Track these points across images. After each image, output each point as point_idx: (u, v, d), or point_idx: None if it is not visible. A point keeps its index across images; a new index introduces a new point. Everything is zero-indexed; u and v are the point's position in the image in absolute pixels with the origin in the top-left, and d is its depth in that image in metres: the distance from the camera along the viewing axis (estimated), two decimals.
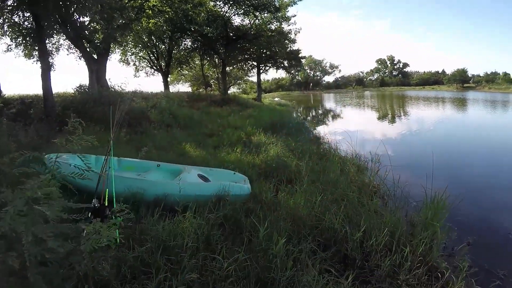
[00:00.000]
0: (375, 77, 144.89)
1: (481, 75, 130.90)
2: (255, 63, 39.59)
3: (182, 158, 8.52)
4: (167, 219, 4.40)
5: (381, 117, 29.63)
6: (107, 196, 4.13)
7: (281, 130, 14.44)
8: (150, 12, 21.96)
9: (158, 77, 34.10)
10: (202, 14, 25.49)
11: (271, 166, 7.73)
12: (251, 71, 43.07)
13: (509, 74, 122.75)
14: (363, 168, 9.37)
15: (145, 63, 34.84)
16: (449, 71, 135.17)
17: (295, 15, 31.78)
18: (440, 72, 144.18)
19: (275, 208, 5.34)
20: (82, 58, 17.99)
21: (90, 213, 3.69)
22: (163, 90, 30.70)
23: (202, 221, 4.44)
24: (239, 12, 28.11)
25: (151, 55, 33.15)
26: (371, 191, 7.02)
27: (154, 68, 34.25)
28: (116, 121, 5.00)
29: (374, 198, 6.55)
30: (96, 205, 3.87)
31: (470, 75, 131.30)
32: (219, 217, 4.75)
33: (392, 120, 26.80)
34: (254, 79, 49.44)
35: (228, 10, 27.65)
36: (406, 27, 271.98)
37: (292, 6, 29.54)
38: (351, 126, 20.39)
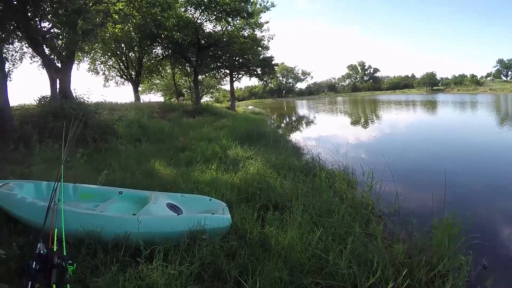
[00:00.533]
0: (347, 83, 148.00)
1: (450, 77, 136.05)
2: (227, 71, 38.47)
3: (150, 180, 7.30)
4: (130, 269, 3.47)
5: (355, 122, 29.69)
6: (55, 237, 3.18)
7: (258, 140, 13.62)
8: (117, 16, 20.23)
9: (129, 87, 32.92)
10: (172, 19, 24.23)
11: (252, 186, 6.67)
12: (224, 79, 42.05)
13: (476, 76, 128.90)
14: (353, 182, 8.60)
15: (115, 72, 33.45)
16: (418, 75, 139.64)
17: (267, 22, 31.34)
18: (410, 76, 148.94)
19: (265, 247, 4.38)
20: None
21: (34, 263, 2.70)
22: (133, 101, 29.35)
23: (174, 270, 3.47)
24: (211, 18, 27.05)
25: (121, 63, 31.79)
26: (369, 212, 6.32)
27: (124, 77, 32.90)
28: (69, 138, 4.26)
29: (372, 220, 5.85)
30: (42, 251, 2.89)
31: (439, 78, 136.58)
32: (195, 266, 3.69)
33: (365, 125, 27.13)
34: (227, 87, 48.62)
35: (200, 16, 26.35)
36: (376, 32, 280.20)
37: (264, 12, 28.86)
38: (328, 133, 21.01)
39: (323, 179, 7.46)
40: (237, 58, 34.29)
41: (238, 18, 27.02)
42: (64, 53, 15.19)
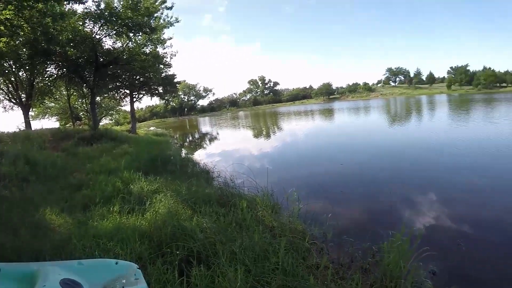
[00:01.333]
0: (248, 97, 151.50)
1: (344, 86, 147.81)
2: (128, 91, 35.57)
3: (38, 240, 5.40)
4: None
5: (258, 135, 30.77)
6: None
7: (163, 167, 12.47)
8: (3, 27, 17.02)
9: (19, 112, 28.65)
10: (66, 32, 21.04)
11: (166, 234, 5.39)
12: (124, 99, 38.93)
13: (368, 84, 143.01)
14: (276, 206, 8.01)
15: (2, 95, 28.85)
16: (316, 86, 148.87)
17: (171, 38, 29.97)
18: (308, 87, 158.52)
19: None
20: None
21: None
22: (23, 128, 25.49)
23: None
24: (111, 33, 24.19)
25: (9, 84, 27.20)
26: (307, 242, 5.72)
27: (13, 101, 28.27)
28: None
29: (312, 253, 5.49)
30: None
31: (334, 88, 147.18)
32: None
33: (270, 137, 28.37)
34: (128, 108, 45.70)
35: (99, 31, 23.26)
36: (275, 48, 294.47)
37: (168, 28, 27.39)
38: (236, 150, 20.88)
39: (245, 210, 6.64)
40: (137, 77, 32.06)
41: (141, 34, 25.08)
42: None
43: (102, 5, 21.50)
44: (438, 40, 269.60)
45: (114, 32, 23.99)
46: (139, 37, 26.63)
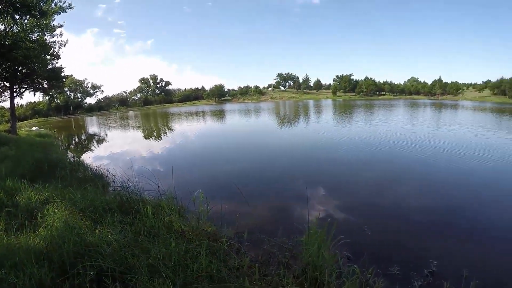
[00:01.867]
0: (139, 96, 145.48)
1: (236, 89, 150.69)
2: (7, 84, 29.47)
3: None
4: None
5: (151, 136, 30.07)
6: None
7: (52, 173, 11.18)
8: None
9: None
10: None
11: (68, 252, 4.58)
12: (2, 94, 32.38)
13: (259, 87, 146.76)
14: (182, 210, 7.73)
15: None
16: (208, 87, 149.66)
17: (61, 25, 26.88)
18: (200, 88, 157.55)
19: None
20: None
21: None
22: None
23: None
24: None
25: None
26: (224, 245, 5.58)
27: None
28: None
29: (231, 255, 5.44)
30: None
31: (226, 90, 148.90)
32: None
33: (161, 138, 28.27)
34: (6, 104, 39.88)
35: None
36: (169, 47, 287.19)
37: (59, 13, 24.54)
38: (129, 152, 20.20)
39: (151, 216, 6.21)
40: (20, 68, 27.32)
41: (28, 17, 21.69)
42: None
43: None
44: (326, 51, 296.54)
45: None
46: (26, 21, 23.34)
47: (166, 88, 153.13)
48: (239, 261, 5.14)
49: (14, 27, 23.22)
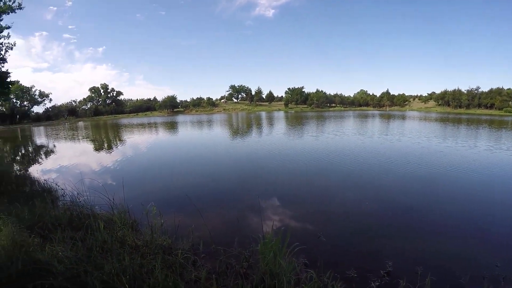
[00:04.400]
0: (89, 106, 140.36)
1: (189, 100, 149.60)
2: None
3: None
4: None
5: (102, 148, 28.83)
6: None
7: None
8: None
9: None
10: None
11: (18, 272, 4.39)
12: None
13: (212, 99, 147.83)
14: (135, 224, 7.69)
15: None
16: (160, 98, 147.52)
17: (9, 27, 25.05)
18: (152, 99, 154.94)
19: None
20: None
21: None
22: None
23: None
24: None
25: None
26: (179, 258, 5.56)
27: None
28: None
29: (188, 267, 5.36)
30: None
31: (179, 101, 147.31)
32: None
33: (112, 150, 27.35)
34: None
35: None
36: (119, 56, 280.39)
37: (7, 14, 23.06)
38: (80, 165, 19.19)
39: (103, 231, 6.08)
40: None
41: None
42: None
43: None
44: (279, 64, 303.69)
45: None
46: None
47: (118, 98, 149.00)
48: (196, 273, 5.15)
49: None
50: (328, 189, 12.22)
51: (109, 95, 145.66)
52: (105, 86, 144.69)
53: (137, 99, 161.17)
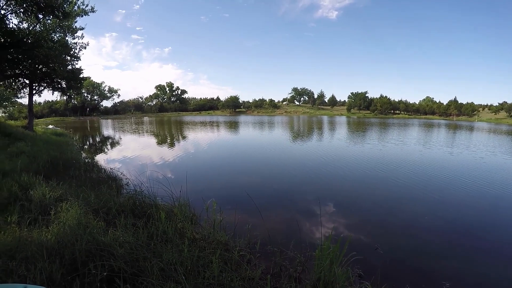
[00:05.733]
0: (154, 103, 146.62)
1: (251, 101, 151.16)
2: (27, 81, 30.07)
3: None
4: None
5: (165, 143, 29.86)
6: None
7: (66, 171, 11.32)
8: None
9: None
10: None
11: (80, 250, 4.52)
12: (22, 90, 32.83)
13: (274, 100, 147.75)
14: (194, 218, 7.74)
15: None
16: (223, 98, 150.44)
17: (83, 28, 27.44)
18: (215, 98, 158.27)
19: None
20: None
21: None
22: None
23: None
24: (18, 11, 20.36)
25: None
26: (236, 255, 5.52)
27: None
28: None
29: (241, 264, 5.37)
30: None
31: (241, 101, 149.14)
32: None
33: (176, 145, 27.98)
34: (24, 101, 40.28)
35: (4, 6, 19.15)
36: (184, 56, 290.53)
37: (82, 16, 25.07)
38: (144, 157, 19.92)
39: (164, 221, 6.16)
40: (40, 66, 27.55)
41: (51, 17, 21.79)
42: None
43: None
44: (342, 67, 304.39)
45: (22, 10, 20.29)
46: (49, 21, 23.68)
47: (182, 96, 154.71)
48: (250, 272, 5.05)
49: (37, 26, 23.41)
50: (390, 200, 11.57)
51: (174, 93, 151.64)
52: (170, 85, 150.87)
53: (200, 98, 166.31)
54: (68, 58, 29.11)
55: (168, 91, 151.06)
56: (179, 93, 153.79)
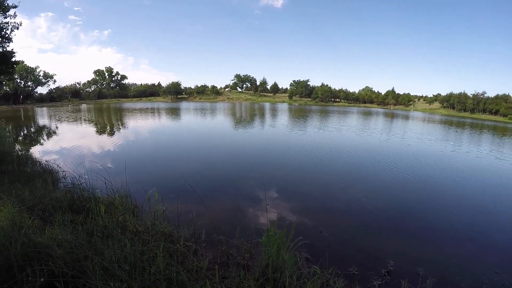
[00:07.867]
0: (93, 89, 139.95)
1: (193, 87, 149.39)
2: None
3: None
4: None
5: (101, 132, 28.70)
6: None
7: None
8: None
9: None
10: None
11: (15, 253, 4.19)
12: None
13: (217, 87, 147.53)
14: (136, 210, 7.55)
15: None
16: (164, 84, 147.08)
17: (16, 6, 25.07)
18: (156, 84, 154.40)
19: None
20: None
21: None
22: None
23: None
24: None
25: None
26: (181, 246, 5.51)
27: None
28: None
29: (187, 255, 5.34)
30: None
31: (183, 88, 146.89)
32: None
33: (115, 133, 27.20)
34: None
35: None
36: (125, 39, 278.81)
37: None
38: (82, 147, 18.99)
39: (104, 215, 5.95)
40: None
41: None
42: None
43: None
44: (285, 55, 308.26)
45: None
46: None
47: (122, 82, 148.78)
48: (197, 263, 5.04)
49: None
50: (332, 185, 12.09)
51: (113, 79, 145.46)
52: (109, 70, 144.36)
53: (141, 84, 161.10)
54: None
55: (107, 77, 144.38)
56: (119, 78, 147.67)
